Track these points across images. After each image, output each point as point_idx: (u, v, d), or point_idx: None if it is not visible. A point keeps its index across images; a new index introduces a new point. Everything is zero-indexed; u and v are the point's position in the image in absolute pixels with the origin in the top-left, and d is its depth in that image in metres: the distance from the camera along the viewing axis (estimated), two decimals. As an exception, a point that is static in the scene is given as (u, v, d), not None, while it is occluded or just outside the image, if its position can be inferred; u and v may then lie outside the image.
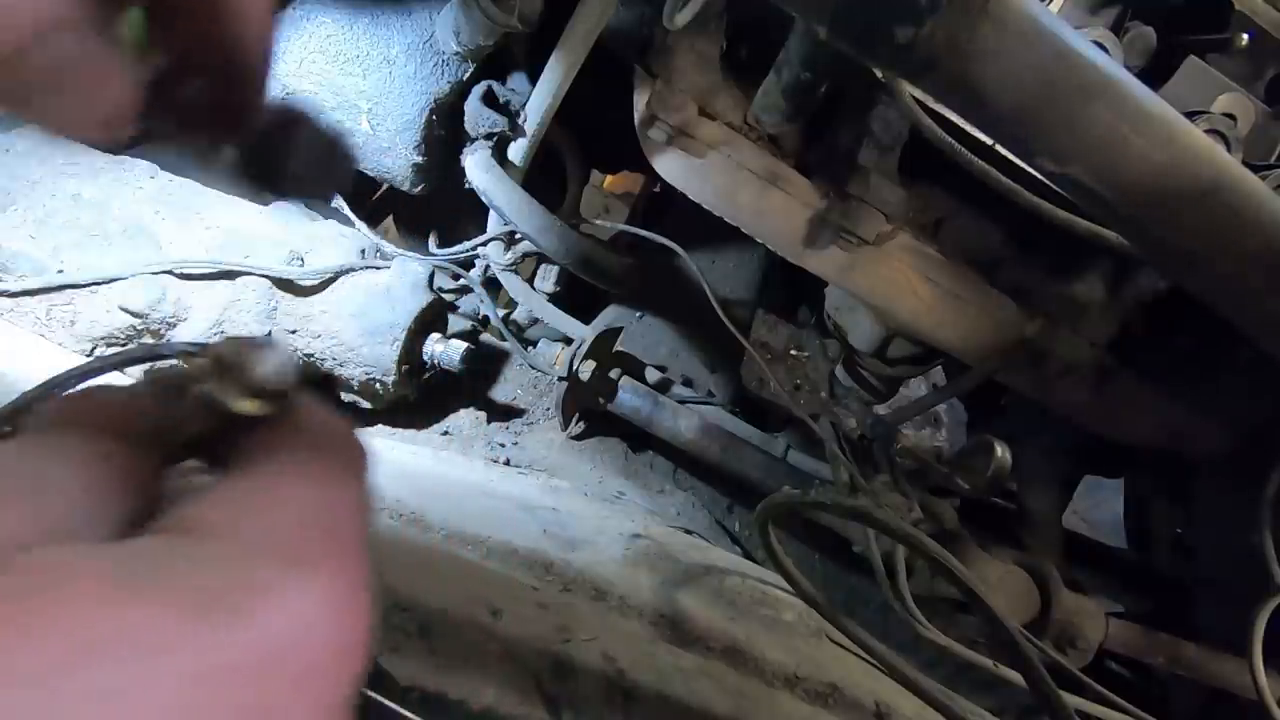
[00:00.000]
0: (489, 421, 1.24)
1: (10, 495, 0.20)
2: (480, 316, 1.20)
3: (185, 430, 0.26)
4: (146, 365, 0.96)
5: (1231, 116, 0.89)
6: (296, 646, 0.19)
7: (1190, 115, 0.83)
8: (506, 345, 1.20)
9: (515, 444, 1.21)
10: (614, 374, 1.17)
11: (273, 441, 0.25)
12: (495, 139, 1.03)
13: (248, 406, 0.24)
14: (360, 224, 1.08)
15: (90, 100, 0.26)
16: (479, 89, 1.01)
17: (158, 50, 0.28)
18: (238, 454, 0.25)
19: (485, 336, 1.20)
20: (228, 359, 0.24)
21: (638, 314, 1.26)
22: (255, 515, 0.22)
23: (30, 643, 0.16)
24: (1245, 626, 0.88)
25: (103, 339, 0.97)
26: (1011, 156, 0.81)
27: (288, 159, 0.31)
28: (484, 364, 1.23)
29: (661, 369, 1.25)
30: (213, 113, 0.29)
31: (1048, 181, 0.66)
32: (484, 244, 1.12)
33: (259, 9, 0.28)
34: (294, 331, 1.01)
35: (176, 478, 0.26)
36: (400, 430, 1.17)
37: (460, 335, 1.11)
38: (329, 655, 0.20)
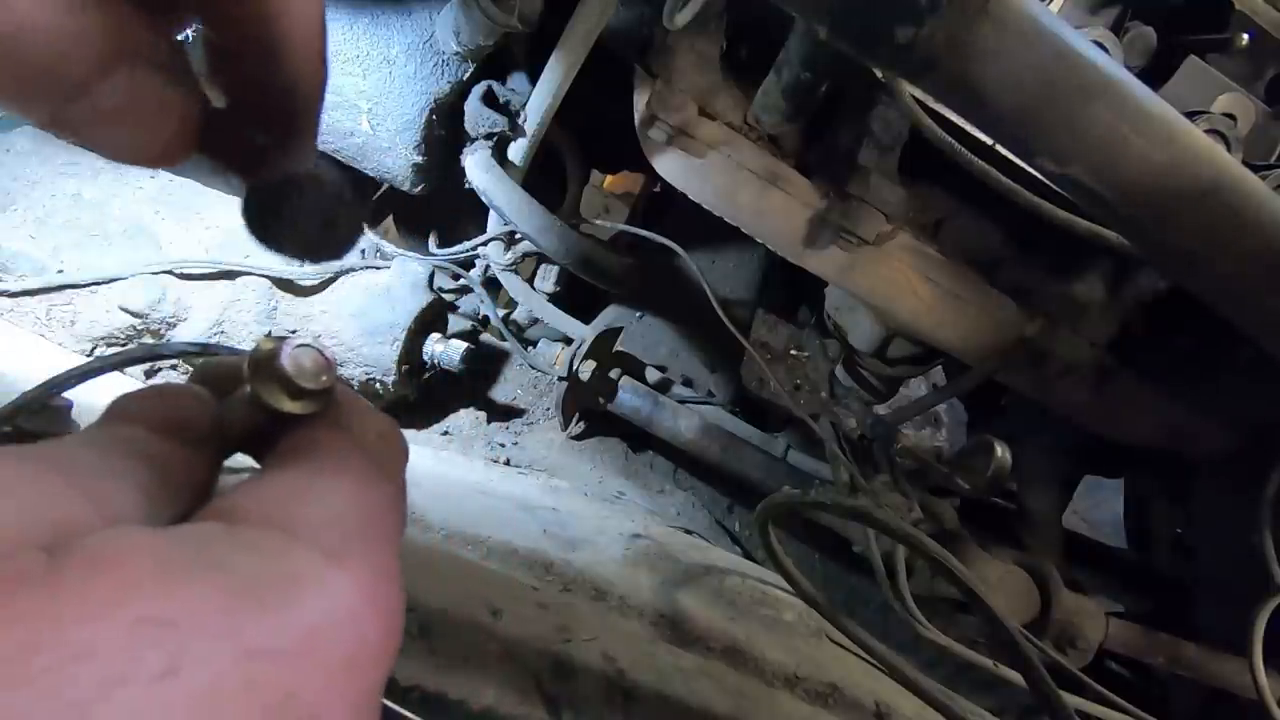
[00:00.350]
0: (489, 421, 1.24)
1: (73, 486, 0.21)
2: (480, 316, 1.20)
3: (234, 429, 0.27)
4: (148, 365, 0.96)
5: (1231, 116, 0.89)
6: (334, 633, 0.20)
7: (1190, 115, 0.83)
8: (506, 345, 1.20)
9: (515, 444, 1.22)
10: (614, 374, 1.17)
11: (314, 437, 0.26)
12: (495, 139, 1.03)
13: (293, 406, 0.25)
14: (360, 224, 1.07)
15: (148, 131, 0.27)
16: (479, 89, 1.01)
17: (216, 87, 0.29)
18: (280, 448, 0.26)
19: (485, 336, 1.20)
20: (272, 360, 0.25)
21: (638, 314, 1.26)
22: (298, 507, 0.22)
23: (87, 622, 0.17)
24: (1245, 626, 0.88)
25: (103, 339, 0.97)
26: (1011, 156, 0.81)
27: (290, 216, 0.31)
28: (484, 364, 1.23)
29: (661, 369, 1.25)
30: (262, 149, 0.30)
31: (1048, 181, 0.66)
32: (484, 244, 1.12)
33: (311, 57, 0.28)
34: (294, 331, 1.01)
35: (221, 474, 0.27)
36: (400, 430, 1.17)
37: (460, 335, 1.11)
38: (364, 643, 0.21)
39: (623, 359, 1.18)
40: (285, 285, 1.01)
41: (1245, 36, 0.92)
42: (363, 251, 1.05)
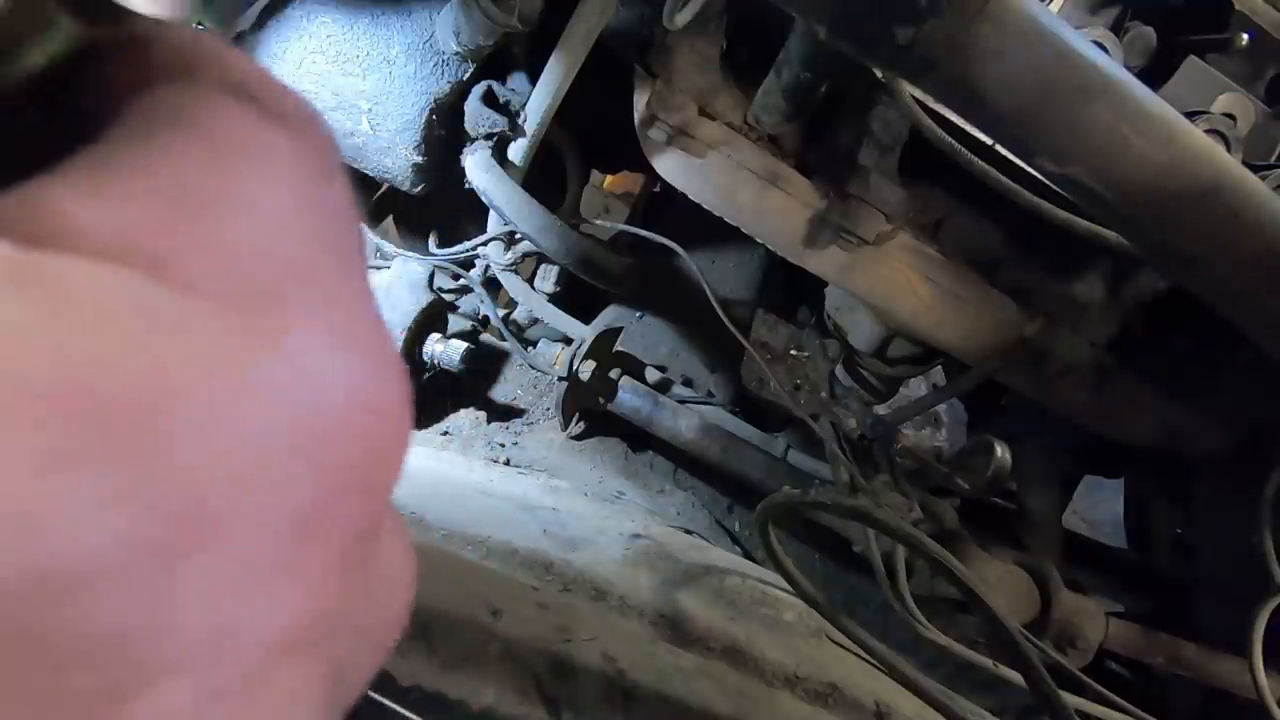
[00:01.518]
0: (489, 421, 1.24)
1: None
2: (480, 316, 1.20)
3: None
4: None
5: (1231, 116, 0.89)
6: (287, 461, 0.12)
7: (1190, 115, 0.83)
8: (506, 345, 1.20)
9: (515, 444, 1.21)
10: (614, 374, 1.17)
11: (181, 101, 0.13)
12: (495, 139, 1.03)
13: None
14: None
15: None
16: (479, 89, 1.01)
17: None
18: (119, 125, 0.13)
19: (485, 336, 1.20)
20: None
21: (638, 314, 1.26)
22: (178, 217, 0.12)
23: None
24: (1245, 626, 0.88)
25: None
26: (1011, 156, 0.81)
27: None
28: (484, 364, 1.23)
29: (661, 369, 1.25)
30: None
31: (1048, 181, 0.66)
32: (484, 244, 1.12)
33: None
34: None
35: None
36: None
37: (460, 335, 1.11)
38: (355, 460, 0.13)
39: (623, 359, 1.18)
40: (285, 285, 1.01)
41: (1245, 36, 0.92)
42: (363, 251, 1.05)
